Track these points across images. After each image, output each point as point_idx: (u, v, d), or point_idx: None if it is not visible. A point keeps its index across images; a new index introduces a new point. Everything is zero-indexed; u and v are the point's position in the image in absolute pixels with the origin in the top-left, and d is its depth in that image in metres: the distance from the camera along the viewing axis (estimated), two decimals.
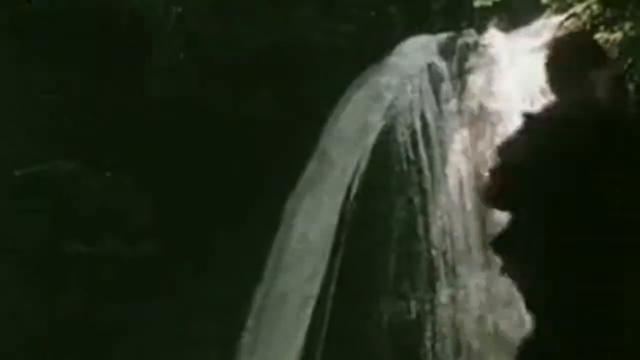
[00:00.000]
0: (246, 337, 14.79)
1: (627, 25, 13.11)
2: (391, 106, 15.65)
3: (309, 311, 14.17)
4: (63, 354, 14.78)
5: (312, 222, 15.36)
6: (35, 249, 15.83)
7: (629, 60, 12.73)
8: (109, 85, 17.09)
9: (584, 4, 14.23)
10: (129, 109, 16.87)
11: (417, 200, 14.62)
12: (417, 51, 16.86)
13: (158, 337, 15.20)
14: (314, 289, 14.45)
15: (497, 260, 4.11)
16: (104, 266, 15.82)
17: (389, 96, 15.77)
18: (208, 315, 15.03)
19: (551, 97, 4.51)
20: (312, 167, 15.63)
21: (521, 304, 12.70)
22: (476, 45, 16.07)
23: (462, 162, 14.72)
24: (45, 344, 14.90)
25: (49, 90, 17.30)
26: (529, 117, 4.13)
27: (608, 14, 13.80)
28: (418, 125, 15.21)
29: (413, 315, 13.98)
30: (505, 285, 14.68)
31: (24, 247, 15.97)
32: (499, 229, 4.15)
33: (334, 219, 14.92)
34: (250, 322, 14.88)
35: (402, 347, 13.83)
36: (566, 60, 4.39)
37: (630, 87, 12.35)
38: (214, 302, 15.08)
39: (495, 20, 17.56)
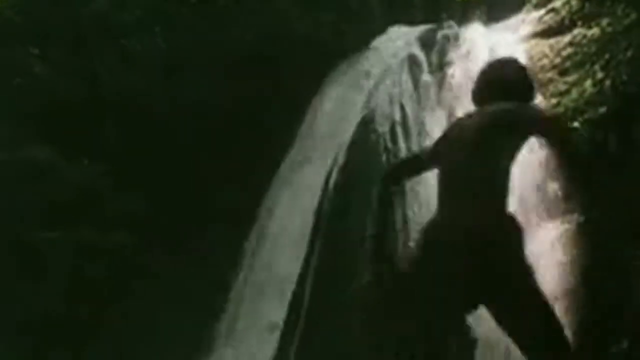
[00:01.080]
0: (222, 325, 14.84)
1: (605, 22, 13.23)
2: (370, 97, 15.70)
3: (285, 302, 14.21)
4: (40, 342, 14.77)
5: (291, 213, 15.40)
6: (9, 237, 15.74)
7: (606, 57, 12.85)
8: (85, 71, 17.00)
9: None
10: (107, 97, 16.81)
11: (395, 191, 14.66)
12: (397, 42, 16.92)
13: (134, 326, 15.21)
14: (292, 280, 14.51)
15: None
16: (79, 255, 15.80)
17: (368, 87, 15.82)
18: (183, 304, 15.05)
19: None
20: (291, 158, 15.66)
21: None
22: (456, 37, 16.16)
23: None
24: (22, 332, 14.89)
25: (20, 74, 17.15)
26: None
27: (587, 9, 13.92)
28: (397, 116, 15.25)
29: None
30: None
31: None
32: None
33: (312, 210, 14.97)
34: (227, 310, 14.93)
35: (379, 336, 13.89)
36: None
37: (607, 83, 12.49)
38: (190, 291, 15.10)
39: (475, 13, 17.66)
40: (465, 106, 16.13)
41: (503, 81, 6.97)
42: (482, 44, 15.82)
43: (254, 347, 14.60)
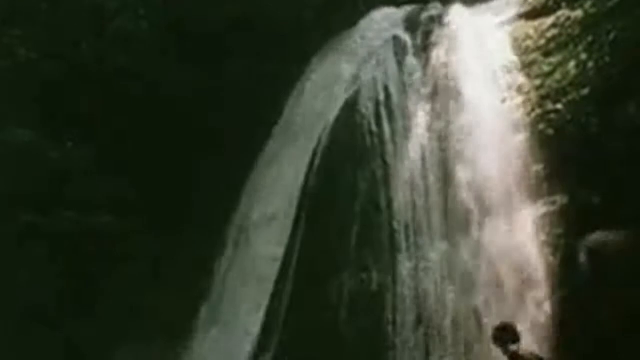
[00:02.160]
0: (207, 308, 14.87)
1: (589, 4, 13.27)
2: (355, 79, 15.68)
3: (270, 284, 14.23)
4: (21, 325, 14.76)
5: (275, 193, 15.40)
6: None
7: (589, 39, 12.90)
8: (69, 53, 16.88)
9: None
10: (89, 79, 16.69)
11: (379, 172, 14.71)
12: (382, 24, 16.89)
13: (118, 308, 15.21)
14: (276, 260, 14.54)
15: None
16: (62, 238, 15.76)
17: (353, 69, 15.80)
18: (167, 287, 15.07)
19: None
20: (275, 139, 15.64)
21: (479, 276, 12.69)
22: (441, 19, 16.15)
23: (425, 136, 14.82)
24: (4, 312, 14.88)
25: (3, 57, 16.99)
26: None
27: None
28: (382, 98, 15.25)
29: (374, 287, 14.12)
30: (466, 257, 15.01)
31: None
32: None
33: (296, 191, 15.00)
34: (211, 292, 14.95)
35: (363, 319, 13.98)
36: None
37: (591, 65, 12.56)
38: (174, 274, 15.11)
39: None
40: (449, 87, 16.23)
41: None
42: (466, 25, 15.83)
43: (238, 328, 14.66)
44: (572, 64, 12.91)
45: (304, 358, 13.68)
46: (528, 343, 13.33)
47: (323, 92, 15.77)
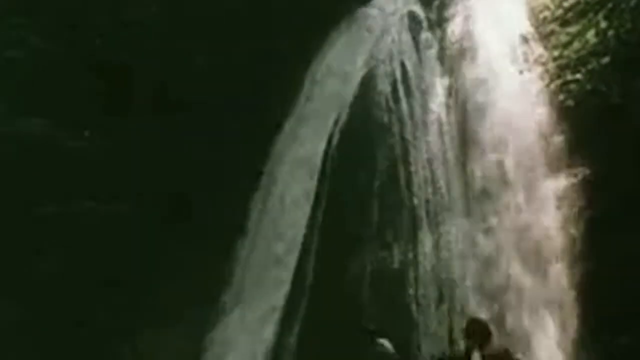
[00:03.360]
0: (229, 292, 14.86)
1: None
2: (371, 56, 15.56)
3: (292, 263, 14.22)
4: (42, 312, 14.82)
5: (294, 174, 15.35)
6: (9, 212, 15.73)
7: (609, 6, 12.73)
8: (80, 42, 16.84)
9: None
10: (103, 67, 16.64)
11: (398, 149, 14.64)
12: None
13: (138, 294, 15.24)
14: (297, 240, 14.51)
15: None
16: (81, 227, 15.78)
17: (368, 46, 15.67)
18: (187, 273, 15.04)
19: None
20: (292, 120, 15.56)
21: (500, 251, 12.59)
22: None
23: (443, 111, 14.72)
24: (26, 303, 14.94)
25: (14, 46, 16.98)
26: None
27: None
28: (398, 74, 15.15)
29: (396, 264, 14.09)
30: (487, 232, 14.94)
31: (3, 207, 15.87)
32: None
33: (315, 170, 14.93)
34: (233, 277, 14.94)
35: (385, 296, 13.96)
36: None
37: (611, 33, 12.39)
38: (193, 260, 15.08)
39: None
40: (466, 61, 16.08)
41: None
42: None
43: (261, 310, 14.65)
44: (591, 32, 12.75)
45: (327, 337, 13.68)
46: (550, 317, 13.40)
47: (340, 69, 15.67)
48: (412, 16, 15.95)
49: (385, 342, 10.37)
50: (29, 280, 15.62)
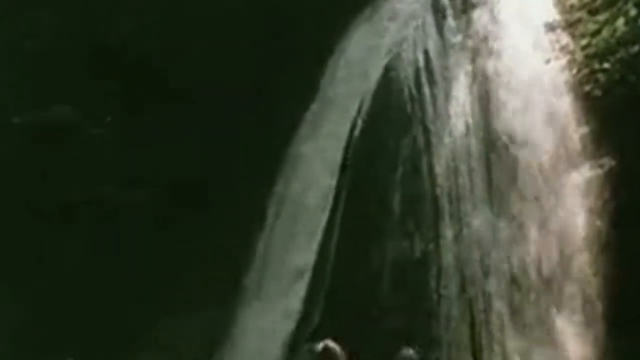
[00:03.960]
0: (249, 281, 14.84)
1: None
2: (394, 44, 15.40)
3: (311, 255, 14.17)
4: (63, 298, 14.94)
5: (316, 162, 15.28)
6: (35, 197, 15.84)
7: None
8: (101, 29, 16.87)
9: None
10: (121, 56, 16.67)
11: (421, 138, 14.51)
12: None
13: (157, 284, 15.27)
14: (318, 230, 14.46)
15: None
16: (102, 214, 15.87)
17: (392, 33, 15.52)
18: (206, 260, 15.07)
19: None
20: (314, 108, 15.47)
21: (523, 242, 12.46)
22: None
23: (467, 100, 14.58)
24: (50, 289, 15.07)
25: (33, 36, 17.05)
26: None
27: None
28: (421, 62, 14.98)
29: (417, 255, 13.99)
30: (510, 223, 14.81)
31: (28, 195, 15.98)
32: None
33: (337, 159, 14.85)
34: (253, 266, 14.92)
35: (406, 287, 13.87)
36: None
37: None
38: (213, 247, 15.09)
39: None
40: (490, 49, 15.90)
41: None
42: None
43: (281, 299, 14.62)
44: (620, 21, 12.55)
45: (347, 327, 13.63)
46: (573, 309, 13.29)
47: (362, 57, 15.53)
48: (436, 3, 15.76)
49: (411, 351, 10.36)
50: (50, 266, 15.79)
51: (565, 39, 13.93)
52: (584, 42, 13.47)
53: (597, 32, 13.13)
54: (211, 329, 15.08)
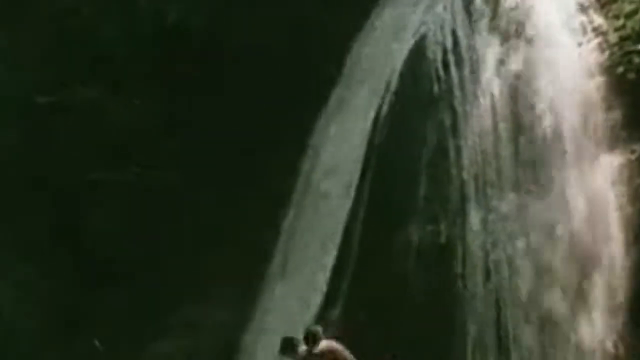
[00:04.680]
0: (274, 264, 14.76)
1: None
2: (421, 24, 15.14)
3: (336, 237, 14.03)
4: (88, 279, 14.98)
5: (340, 145, 15.11)
6: (61, 179, 15.87)
7: None
8: (130, 8, 16.79)
9: None
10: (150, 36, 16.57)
11: (447, 121, 14.29)
12: None
13: (181, 263, 15.25)
14: (343, 212, 14.30)
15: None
16: (130, 194, 15.87)
17: (419, 14, 15.25)
18: (230, 243, 14.99)
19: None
20: (339, 88, 15.27)
21: (551, 227, 12.22)
22: None
23: (495, 82, 14.33)
24: (71, 268, 15.10)
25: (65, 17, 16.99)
26: None
27: None
28: (449, 43, 14.72)
29: (443, 239, 13.82)
30: (537, 209, 14.57)
31: (50, 176, 16.00)
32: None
33: (363, 142, 14.68)
34: (277, 249, 14.83)
35: (431, 271, 13.72)
36: None
37: None
38: (237, 230, 15.01)
39: None
40: (520, 31, 15.59)
41: None
42: None
43: (306, 283, 14.53)
44: None
45: (371, 311, 13.54)
46: (599, 298, 13.08)
47: (389, 38, 15.29)
48: None
49: None
50: (76, 244, 15.83)
51: (598, 20, 13.60)
52: (618, 23, 13.14)
53: (632, 13, 12.83)
54: (236, 310, 15.05)
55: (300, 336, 9.96)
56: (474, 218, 13.75)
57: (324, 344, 9.67)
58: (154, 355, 15.37)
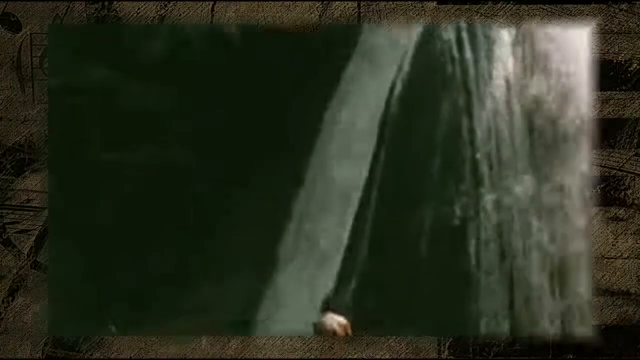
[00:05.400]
0: (285, 244, 14.80)
1: None
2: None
3: (349, 219, 14.04)
4: (101, 262, 15.08)
5: (354, 124, 15.05)
6: (72, 159, 15.96)
7: None
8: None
9: None
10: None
11: (461, 101, 14.20)
12: None
13: (193, 247, 15.32)
14: (355, 194, 14.31)
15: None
16: (145, 174, 15.96)
17: None
18: (244, 223, 15.04)
19: None
20: (350, 70, 15.14)
21: (567, 210, 12.15)
22: None
23: (509, 61, 14.18)
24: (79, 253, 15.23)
25: None
26: None
27: None
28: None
29: (456, 221, 13.78)
30: (553, 191, 14.45)
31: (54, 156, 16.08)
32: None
33: (375, 122, 14.61)
34: (289, 230, 14.86)
35: (445, 254, 13.69)
36: None
37: None
38: (250, 210, 15.04)
39: None
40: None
41: None
42: None
43: (318, 263, 14.59)
44: None
45: (384, 292, 13.59)
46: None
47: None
48: None
49: None
50: (87, 227, 15.96)
51: None
52: None
53: None
54: (251, 288, 15.14)
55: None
56: (488, 200, 13.74)
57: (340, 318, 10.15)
58: (172, 332, 15.58)
